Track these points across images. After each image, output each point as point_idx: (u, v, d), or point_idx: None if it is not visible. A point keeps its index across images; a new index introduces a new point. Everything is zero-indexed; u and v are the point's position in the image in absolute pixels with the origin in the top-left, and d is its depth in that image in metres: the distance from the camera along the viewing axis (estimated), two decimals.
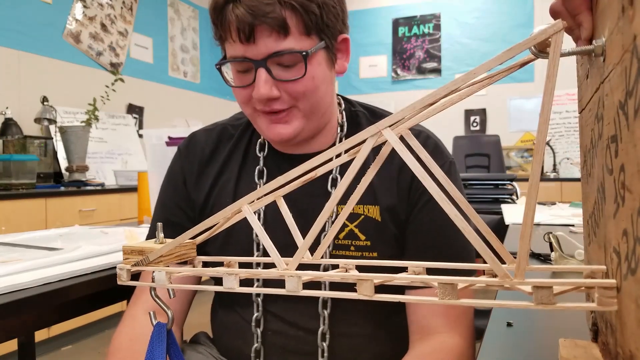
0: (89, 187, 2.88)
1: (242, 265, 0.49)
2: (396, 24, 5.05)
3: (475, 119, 4.80)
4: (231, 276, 0.41)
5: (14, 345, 1.85)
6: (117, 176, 3.24)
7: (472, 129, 4.80)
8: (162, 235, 0.48)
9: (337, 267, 0.42)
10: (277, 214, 0.75)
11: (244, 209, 0.42)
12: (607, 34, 0.33)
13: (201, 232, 0.46)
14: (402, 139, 0.36)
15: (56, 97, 3.20)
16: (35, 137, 2.92)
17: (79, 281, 0.79)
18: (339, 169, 0.80)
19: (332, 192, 0.80)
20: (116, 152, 3.58)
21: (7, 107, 2.87)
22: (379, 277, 0.36)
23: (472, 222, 0.34)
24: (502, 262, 0.33)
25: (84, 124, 2.91)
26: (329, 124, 0.83)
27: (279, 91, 0.73)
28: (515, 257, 0.32)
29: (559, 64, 0.31)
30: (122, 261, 0.47)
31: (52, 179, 2.97)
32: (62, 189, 2.74)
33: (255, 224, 0.42)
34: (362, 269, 0.40)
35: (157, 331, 0.53)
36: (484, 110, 4.77)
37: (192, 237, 0.45)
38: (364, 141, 0.37)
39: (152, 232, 0.89)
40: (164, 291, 0.48)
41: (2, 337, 0.73)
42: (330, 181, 0.80)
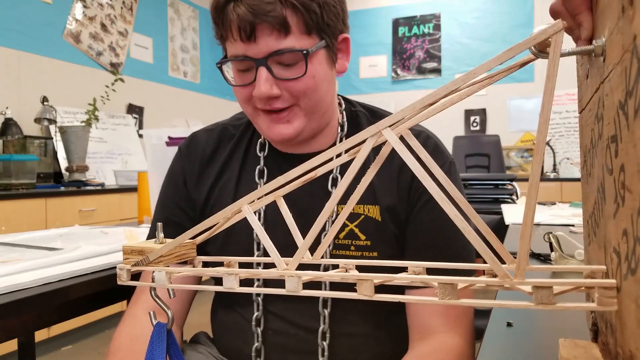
0: (89, 187, 2.88)
1: (242, 265, 0.49)
2: (396, 24, 5.05)
3: (475, 119, 4.80)
4: (231, 276, 0.41)
5: (14, 345, 1.85)
6: (117, 176, 3.24)
7: (472, 129, 4.80)
8: (162, 235, 0.48)
9: (337, 267, 0.42)
10: (277, 213, 0.75)
11: (244, 209, 0.42)
12: (607, 34, 0.33)
13: (201, 232, 0.46)
14: (402, 139, 0.36)
15: (56, 97, 3.20)
16: (35, 137, 2.92)
17: (79, 281, 0.79)
18: (339, 168, 0.80)
19: (332, 191, 0.80)
20: (116, 152, 3.58)
21: (7, 107, 2.87)
22: (379, 277, 0.36)
23: (472, 222, 0.34)
24: (502, 262, 0.33)
25: (84, 124, 2.91)
26: (330, 124, 0.83)
27: (279, 90, 0.73)
28: (515, 257, 0.32)
29: (559, 64, 0.31)
30: (122, 261, 0.47)
31: (52, 179, 2.97)
32: (62, 189, 2.74)
33: (255, 224, 0.42)
34: (362, 269, 0.40)
35: (157, 331, 0.53)
36: (484, 110, 4.77)
37: (192, 237, 0.45)
38: (364, 141, 0.37)
39: (152, 232, 0.89)
40: (164, 291, 0.48)
41: (2, 337, 0.73)
42: (330, 181, 0.80)
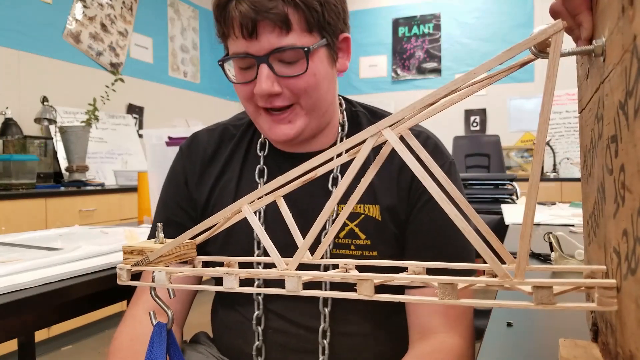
0: (89, 187, 2.88)
1: (242, 265, 0.49)
2: (396, 24, 5.05)
3: (475, 119, 4.80)
4: (231, 276, 0.41)
5: (14, 345, 1.85)
6: (117, 176, 3.24)
7: (472, 129, 4.80)
8: (162, 235, 0.48)
9: (337, 267, 0.42)
10: (277, 213, 0.75)
11: (244, 209, 0.42)
12: (607, 34, 0.33)
13: (201, 232, 0.46)
14: (402, 139, 0.36)
15: (56, 97, 3.20)
16: (35, 137, 2.92)
17: (79, 281, 0.79)
18: (339, 168, 0.80)
19: (332, 191, 0.80)
20: (116, 152, 3.58)
21: (7, 107, 2.87)
22: (379, 277, 0.36)
23: (472, 222, 0.34)
24: (502, 262, 0.33)
25: (84, 124, 2.91)
26: (330, 123, 0.83)
27: (280, 87, 0.73)
28: (515, 257, 0.32)
29: (559, 64, 0.31)
30: (122, 261, 0.47)
31: (52, 179, 2.97)
32: (62, 189, 2.74)
33: (255, 224, 0.42)
34: (362, 269, 0.40)
35: (157, 331, 0.53)
36: (484, 110, 4.77)
37: (192, 237, 0.45)
38: (364, 141, 0.37)
39: (153, 232, 0.89)
40: (164, 291, 0.48)
41: (2, 337, 0.73)
42: (331, 180, 0.80)
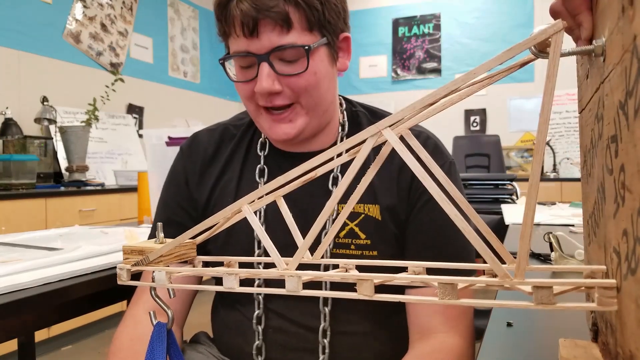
0: (89, 187, 2.88)
1: (242, 264, 0.49)
2: (396, 24, 5.05)
3: (475, 119, 4.80)
4: (231, 276, 0.41)
5: (14, 345, 1.85)
6: (117, 176, 3.24)
7: (472, 129, 4.80)
8: (162, 235, 0.48)
9: (337, 266, 0.42)
10: (277, 213, 0.75)
11: (244, 209, 0.42)
12: (607, 34, 0.33)
13: (201, 232, 0.46)
14: (402, 139, 0.36)
15: (56, 97, 3.20)
16: (35, 137, 2.92)
17: (79, 281, 0.79)
18: (340, 167, 0.80)
19: (333, 190, 0.80)
20: (116, 152, 3.58)
21: (7, 107, 2.87)
22: (379, 277, 0.36)
23: (472, 222, 0.34)
24: (502, 262, 0.33)
25: (84, 124, 2.91)
26: (331, 123, 0.83)
27: (281, 86, 0.73)
28: (515, 257, 0.32)
29: (559, 64, 0.31)
30: (122, 261, 0.47)
31: (52, 179, 2.97)
32: (62, 189, 2.74)
33: (255, 224, 0.42)
34: (362, 268, 0.40)
35: (157, 331, 0.53)
36: (484, 110, 4.77)
37: (192, 237, 0.45)
38: (364, 141, 0.37)
39: (154, 232, 0.89)
40: (164, 291, 0.48)
41: (2, 337, 0.73)
42: (331, 179, 0.80)
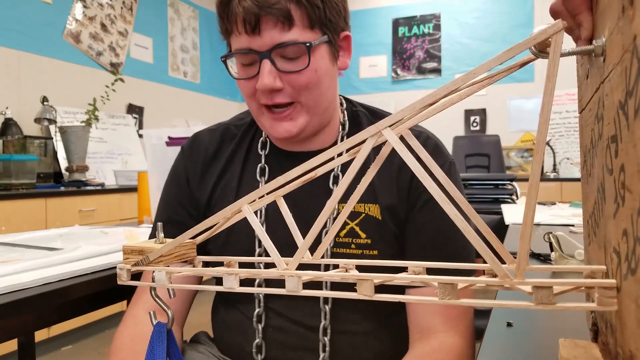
0: (89, 187, 2.88)
1: (242, 264, 0.49)
2: (396, 24, 5.05)
3: (475, 119, 4.80)
4: (231, 276, 0.41)
5: (14, 345, 1.85)
6: (117, 176, 3.24)
7: (472, 129, 4.80)
8: (162, 235, 0.48)
9: (337, 266, 0.42)
10: (278, 212, 0.76)
11: (244, 208, 0.42)
12: (607, 34, 0.33)
13: (201, 232, 0.46)
14: (402, 139, 0.36)
15: (56, 97, 3.20)
16: (35, 137, 2.92)
17: (79, 281, 0.79)
18: (340, 167, 0.80)
19: (333, 189, 0.80)
20: (116, 152, 3.58)
21: (7, 107, 2.87)
22: (379, 277, 0.36)
23: (472, 222, 0.34)
24: (502, 262, 0.33)
25: (84, 124, 2.91)
26: (331, 122, 0.84)
27: (282, 83, 0.74)
28: (515, 257, 0.32)
29: (559, 64, 0.31)
30: (122, 261, 0.47)
31: (52, 179, 2.97)
32: (62, 189, 2.74)
33: (255, 224, 0.42)
34: (362, 268, 0.40)
35: (157, 331, 0.53)
36: (484, 110, 4.77)
37: (192, 237, 0.45)
38: (364, 141, 0.37)
39: (154, 232, 0.89)
40: (164, 291, 0.48)
41: (2, 337, 0.73)
42: (332, 178, 0.80)
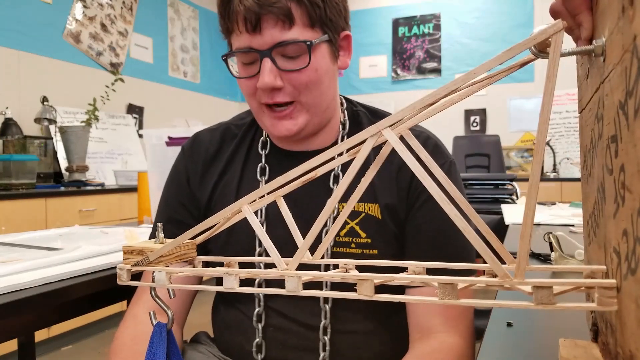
0: (89, 187, 2.88)
1: (242, 264, 0.49)
2: (396, 24, 5.05)
3: (475, 119, 4.80)
4: (231, 276, 0.41)
5: (14, 345, 1.85)
6: (117, 176, 3.24)
7: (472, 129, 4.80)
8: (162, 235, 0.48)
9: (337, 266, 0.42)
10: (278, 212, 0.76)
11: (244, 209, 0.42)
12: (607, 34, 0.33)
13: (201, 232, 0.46)
14: (402, 139, 0.36)
15: (56, 97, 3.20)
16: (35, 137, 2.92)
17: (79, 281, 0.79)
18: (340, 166, 0.80)
19: (334, 188, 0.80)
20: (116, 152, 3.58)
21: (7, 107, 2.87)
22: (379, 277, 0.36)
23: (472, 222, 0.34)
24: (502, 262, 0.33)
25: (84, 124, 2.91)
26: (332, 122, 0.84)
27: (282, 82, 0.74)
28: (515, 257, 0.32)
29: (559, 64, 0.31)
30: (122, 261, 0.47)
31: (52, 179, 2.97)
32: (62, 189, 2.74)
33: (255, 224, 0.42)
34: (362, 268, 0.40)
35: (157, 331, 0.53)
36: (484, 110, 4.77)
37: (192, 237, 0.45)
38: (364, 141, 0.37)
39: (155, 231, 0.89)
40: (164, 291, 0.48)
41: (2, 337, 0.73)
42: (332, 178, 0.80)
